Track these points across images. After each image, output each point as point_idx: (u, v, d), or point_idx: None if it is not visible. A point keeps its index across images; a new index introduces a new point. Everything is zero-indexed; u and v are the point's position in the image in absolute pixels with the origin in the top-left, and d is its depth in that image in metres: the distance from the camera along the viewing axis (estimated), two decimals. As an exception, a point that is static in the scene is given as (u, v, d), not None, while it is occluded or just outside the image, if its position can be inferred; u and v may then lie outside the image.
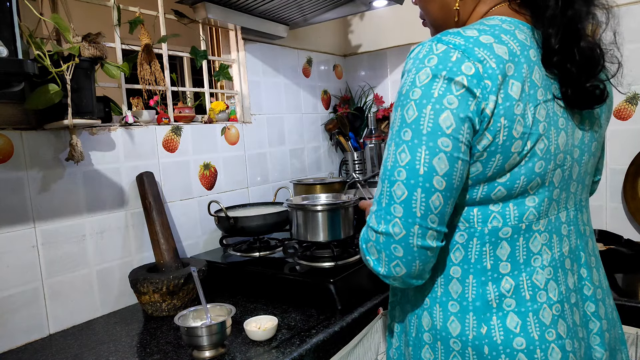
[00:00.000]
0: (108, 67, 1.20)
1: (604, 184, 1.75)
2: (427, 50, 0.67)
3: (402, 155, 0.66)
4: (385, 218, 0.68)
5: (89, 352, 1.10)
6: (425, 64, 0.66)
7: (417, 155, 0.65)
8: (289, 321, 1.17)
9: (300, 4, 1.67)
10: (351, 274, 1.29)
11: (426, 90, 0.65)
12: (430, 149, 0.65)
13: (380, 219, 0.69)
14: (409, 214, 0.66)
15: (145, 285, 1.24)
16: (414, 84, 0.66)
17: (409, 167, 0.66)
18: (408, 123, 0.66)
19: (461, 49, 0.65)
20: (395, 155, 0.67)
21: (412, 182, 0.66)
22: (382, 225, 0.68)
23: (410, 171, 0.66)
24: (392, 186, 0.67)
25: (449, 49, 0.65)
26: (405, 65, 0.69)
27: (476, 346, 0.70)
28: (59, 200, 1.24)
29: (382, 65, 2.37)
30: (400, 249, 0.68)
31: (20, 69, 0.85)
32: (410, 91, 0.66)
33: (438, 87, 0.64)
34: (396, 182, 0.67)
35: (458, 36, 0.67)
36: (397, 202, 0.67)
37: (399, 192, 0.67)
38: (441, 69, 0.64)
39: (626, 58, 1.80)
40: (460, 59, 0.64)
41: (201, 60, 1.69)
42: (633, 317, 1.21)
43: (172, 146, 1.55)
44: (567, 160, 0.72)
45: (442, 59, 0.65)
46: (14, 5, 0.86)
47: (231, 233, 1.53)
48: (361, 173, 2.26)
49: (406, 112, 0.66)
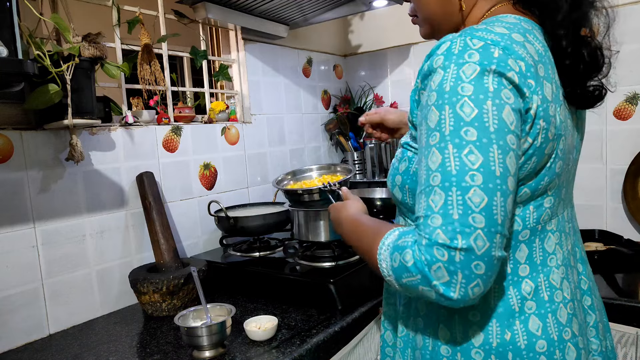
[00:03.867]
0: (108, 67, 1.20)
1: (604, 184, 1.75)
2: (462, 46, 0.62)
3: (472, 157, 0.59)
4: (463, 231, 0.58)
5: (89, 352, 1.10)
6: (466, 59, 0.60)
7: (490, 156, 0.58)
8: (289, 321, 1.17)
9: (300, 4, 1.67)
10: (352, 274, 1.29)
11: (478, 84, 0.59)
12: (502, 147, 0.59)
13: (456, 233, 0.58)
14: (491, 223, 0.58)
15: (145, 285, 1.23)
16: (460, 79, 0.60)
17: (484, 169, 0.58)
18: (468, 121, 0.59)
19: (500, 45, 0.61)
20: (461, 158, 0.59)
21: (491, 185, 0.58)
22: (461, 240, 0.58)
23: (486, 174, 0.58)
24: (465, 193, 0.58)
25: (487, 45, 0.61)
26: (433, 63, 0.63)
27: (500, 353, 0.67)
28: (59, 200, 1.24)
29: (382, 65, 2.37)
30: (482, 265, 0.58)
31: (20, 69, 0.85)
32: (458, 87, 0.60)
33: (491, 81, 0.60)
34: (471, 188, 0.58)
35: (490, 33, 0.62)
36: (476, 211, 0.58)
37: (476, 199, 0.58)
38: (487, 64, 0.60)
39: (626, 58, 1.81)
40: (503, 56, 0.60)
41: (201, 60, 1.69)
42: (633, 317, 1.21)
43: (172, 146, 1.55)
44: (570, 159, 0.73)
45: (484, 54, 0.60)
46: (14, 6, 0.86)
47: (231, 233, 1.53)
48: (361, 173, 2.26)
49: (460, 109, 0.59)
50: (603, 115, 1.74)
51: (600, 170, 1.76)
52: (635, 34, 1.64)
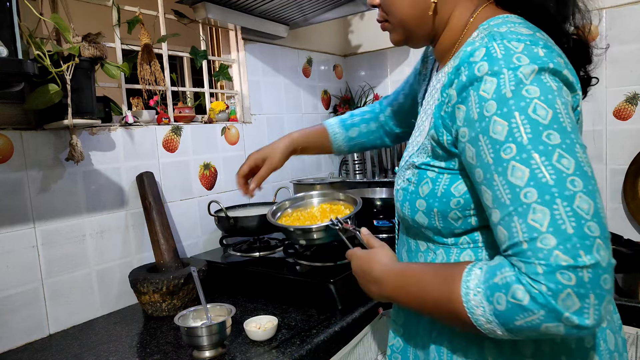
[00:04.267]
0: (108, 67, 1.20)
1: (603, 184, 1.75)
2: (504, 50, 0.59)
3: (564, 162, 0.54)
4: (584, 245, 0.51)
5: (89, 352, 1.10)
6: (516, 62, 0.57)
7: (578, 157, 0.55)
8: (289, 321, 1.17)
9: (300, 4, 1.67)
10: (352, 274, 1.28)
11: (541, 85, 0.56)
12: (582, 146, 0.56)
13: (577, 250, 0.51)
14: (603, 228, 0.53)
15: (145, 285, 1.23)
16: (521, 82, 0.56)
17: (580, 172, 0.54)
18: (546, 124, 0.55)
19: (540, 45, 0.59)
20: (554, 165, 0.54)
21: (591, 188, 0.54)
22: (586, 257, 0.51)
23: (583, 176, 0.54)
24: (572, 202, 0.52)
25: (528, 45, 0.59)
26: (475, 71, 0.60)
27: None
28: (59, 200, 1.24)
29: (382, 65, 2.37)
30: (608, 278, 0.52)
31: (20, 69, 0.85)
32: (522, 90, 0.56)
33: (551, 81, 0.57)
34: (576, 195, 0.53)
35: (520, 34, 0.60)
36: (588, 219, 0.52)
37: (584, 205, 0.53)
38: (541, 63, 0.57)
39: (626, 58, 1.80)
40: (549, 54, 0.58)
41: (201, 60, 1.69)
42: (633, 317, 1.21)
43: (172, 146, 1.55)
44: None
45: (530, 55, 0.58)
46: (14, 6, 0.86)
47: (231, 233, 1.53)
48: (361, 173, 2.26)
49: (534, 112, 0.55)
50: (603, 115, 1.74)
51: (600, 170, 1.76)
52: (635, 34, 1.64)
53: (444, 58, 0.77)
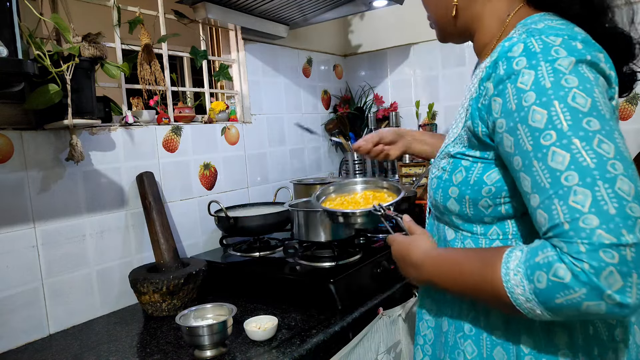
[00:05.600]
0: (108, 67, 1.20)
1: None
2: (542, 44, 0.61)
3: (605, 147, 0.56)
4: (627, 225, 0.53)
5: (89, 352, 1.10)
6: (554, 55, 0.60)
7: (617, 142, 0.57)
8: (289, 321, 1.17)
9: (300, 4, 1.67)
10: (352, 274, 1.29)
11: (579, 75, 0.59)
12: (619, 132, 0.59)
13: (620, 229, 0.53)
14: None
15: (145, 285, 1.23)
16: (560, 72, 0.59)
17: (620, 156, 0.56)
18: (585, 112, 0.57)
19: (579, 39, 0.61)
20: (595, 150, 0.56)
21: (631, 172, 0.56)
22: (629, 236, 0.53)
23: (623, 161, 0.57)
24: (613, 184, 0.55)
25: (566, 40, 0.61)
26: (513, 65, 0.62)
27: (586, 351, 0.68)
28: (59, 200, 1.24)
29: (382, 65, 2.37)
30: None
31: (20, 69, 0.85)
32: (561, 80, 0.58)
33: (588, 71, 0.59)
34: (617, 178, 0.55)
35: (558, 29, 0.63)
36: (630, 200, 0.54)
37: (625, 187, 0.55)
38: (578, 55, 0.60)
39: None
40: (587, 47, 0.61)
41: (201, 60, 1.69)
42: (633, 317, 1.21)
43: (172, 146, 1.55)
44: None
45: (568, 48, 0.60)
46: (14, 5, 0.86)
47: (231, 233, 1.53)
48: (361, 173, 2.26)
49: (573, 101, 0.58)
50: (603, 115, 1.74)
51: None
52: (635, 34, 1.64)
53: (482, 54, 0.81)
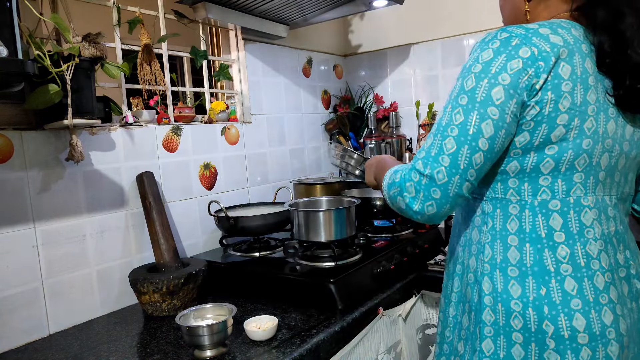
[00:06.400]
0: (108, 67, 1.20)
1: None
2: (492, 36, 0.79)
3: (457, 116, 0.78)
4: (432, 165, 0.78)
5: (89, 352, 1.10)
6: (489, 46, 0.78)
7: (469, 118, 0.77)
8: (289, 321, 1.17)
9: (300, 4, 1.67)
10: (352, 274, 1.29)
11: (486, 66, 0.77)
12: (481, 114, 0.76)
13: (427, 165, 0.79)
14: (453, 165, 0.77)
15: (145, 285, 1.23)
16: (477, 60, 0.78)
17: (461, 126, 0.77)
18: (466, 91, 0.78)
19: (521, 37, 0.77)
20: (451, 116, 0.78)
21: (462, 139, 0.77)
22: (428, 170, 0.79)
23: (462, 130, 0.77)
24: (443, 140, 0.78)
25: (510, 37, 0.77)
26: (472, 49, 0.82)
27: (536, 306, 0.77)
28: (59, 200, 1.24)
29: (382, 65, 2.37)
30: (438, 192, 0.79)
31: (20, 69, 0.85)
32: (473, 65, 0.78)
33: (496, 65, 0.76)
34: (448, 137, 0.78)
35: (520, 28, 0.78)
36: (445, 154, 0.78)
37: (449, 145, 0.78)
38: (502, 51, 0.76)
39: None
40: (519, 45, 0.76)
41: (201, 60, 1.69)
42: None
43: (172, 146, 1.55)
44: (615, 149, 0.80)
45: (504, 43, 0.77)
46: (14, 5, 0.86)
47: (231, 233, 1.53)
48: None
49: (465, 82, 0.78)
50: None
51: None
52: None
53: None
